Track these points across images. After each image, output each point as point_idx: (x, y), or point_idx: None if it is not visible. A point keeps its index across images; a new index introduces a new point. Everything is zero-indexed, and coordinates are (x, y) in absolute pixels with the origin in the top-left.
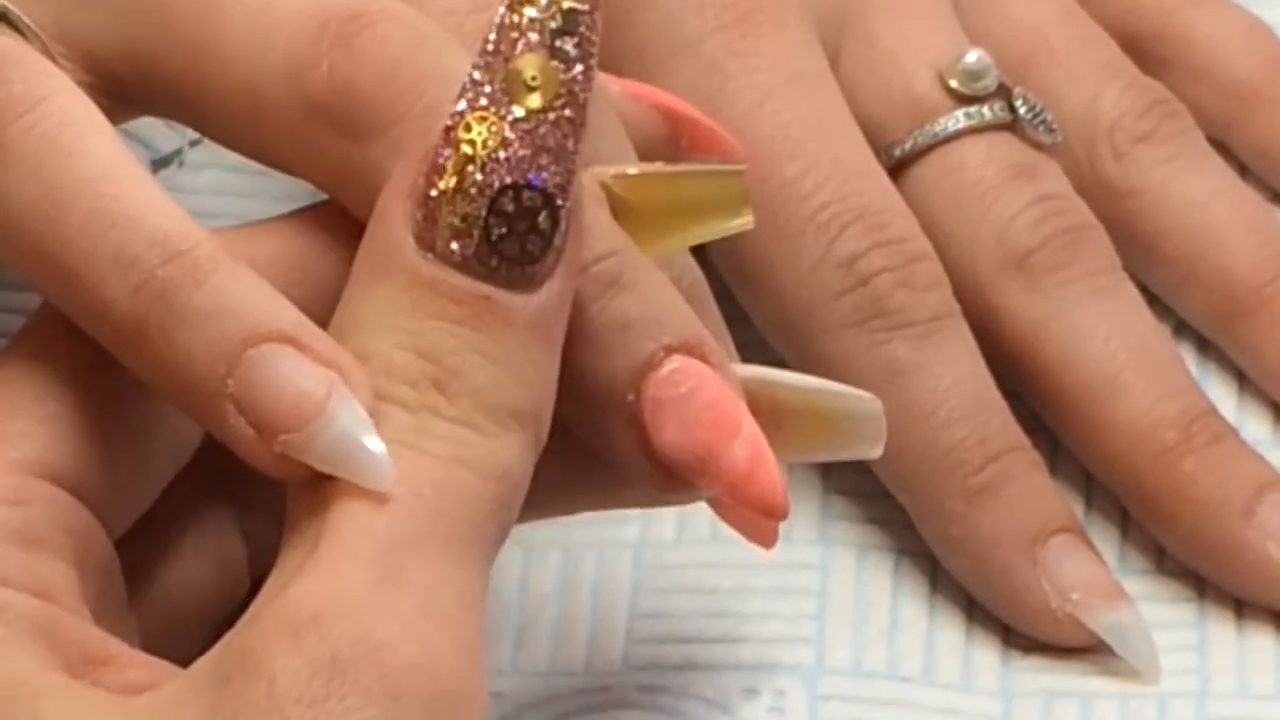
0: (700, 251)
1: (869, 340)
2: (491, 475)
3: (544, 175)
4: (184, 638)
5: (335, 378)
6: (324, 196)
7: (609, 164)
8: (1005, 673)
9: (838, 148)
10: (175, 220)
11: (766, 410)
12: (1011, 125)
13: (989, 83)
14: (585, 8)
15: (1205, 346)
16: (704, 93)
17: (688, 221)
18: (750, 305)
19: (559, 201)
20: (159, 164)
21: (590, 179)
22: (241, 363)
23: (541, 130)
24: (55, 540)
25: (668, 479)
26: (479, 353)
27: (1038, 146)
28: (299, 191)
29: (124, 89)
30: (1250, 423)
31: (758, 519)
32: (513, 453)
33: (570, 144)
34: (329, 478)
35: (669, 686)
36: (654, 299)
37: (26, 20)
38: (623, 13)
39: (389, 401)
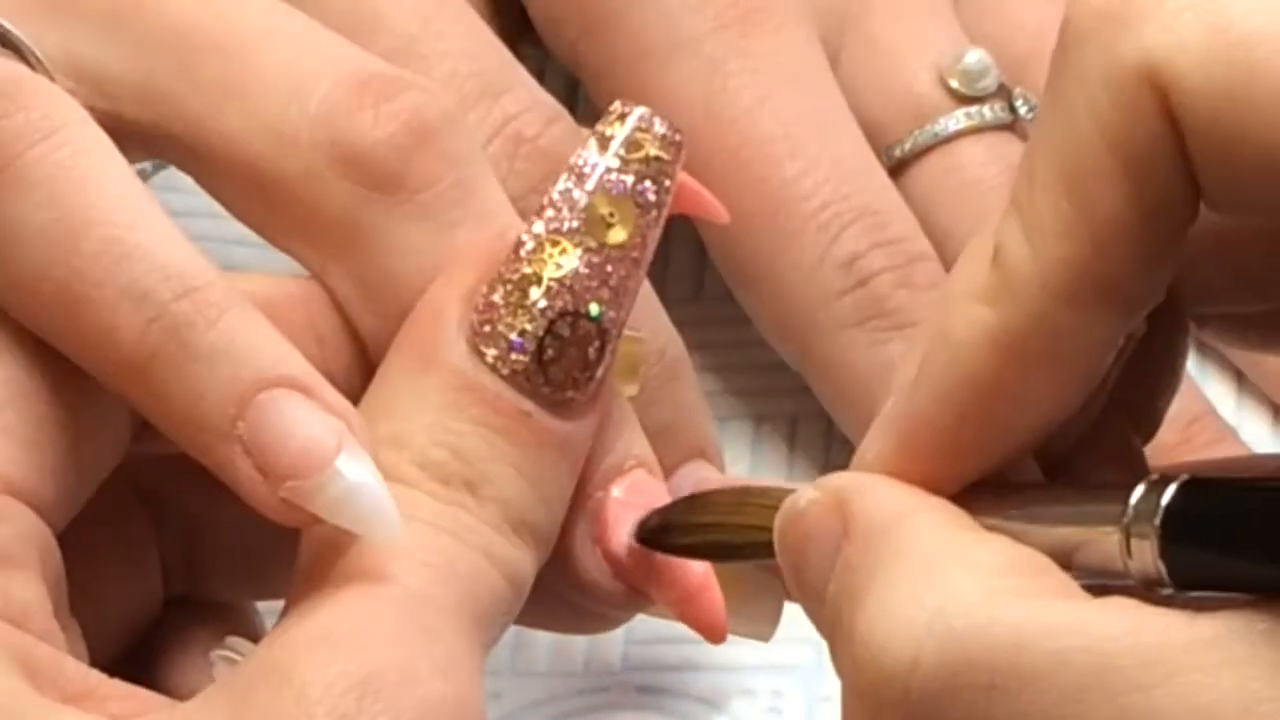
0: (699, 250)
1: (869, 340)
2: (509, 579)
3: (603, 308)
4: (98, 651)
5: (344, 428)
6: None
7: None
8: None
9: (838, 148)
10: (188, 255)
11: None
12: (1012, 125)
13: (989, 83)
14: (669, 157)
15: (1205, 347)
16: (704, 92)
17: None
18: (750, 305)
19: (610, 335)
20: (158, 165)
21: None
22: (253, 405)
23: (609, 266)
24: (25, 556)
25: (613, 579)
26: (512, 465)
27: None
28: None
29: (131, 129)
30: (1250, 423)
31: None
32: (527, 566)
33: (631, 284)
34: (351, 545)
35: (668, 687)
36: (627, 413)
37: (36, 52)
38: (622, 11)
39: (420, 492)
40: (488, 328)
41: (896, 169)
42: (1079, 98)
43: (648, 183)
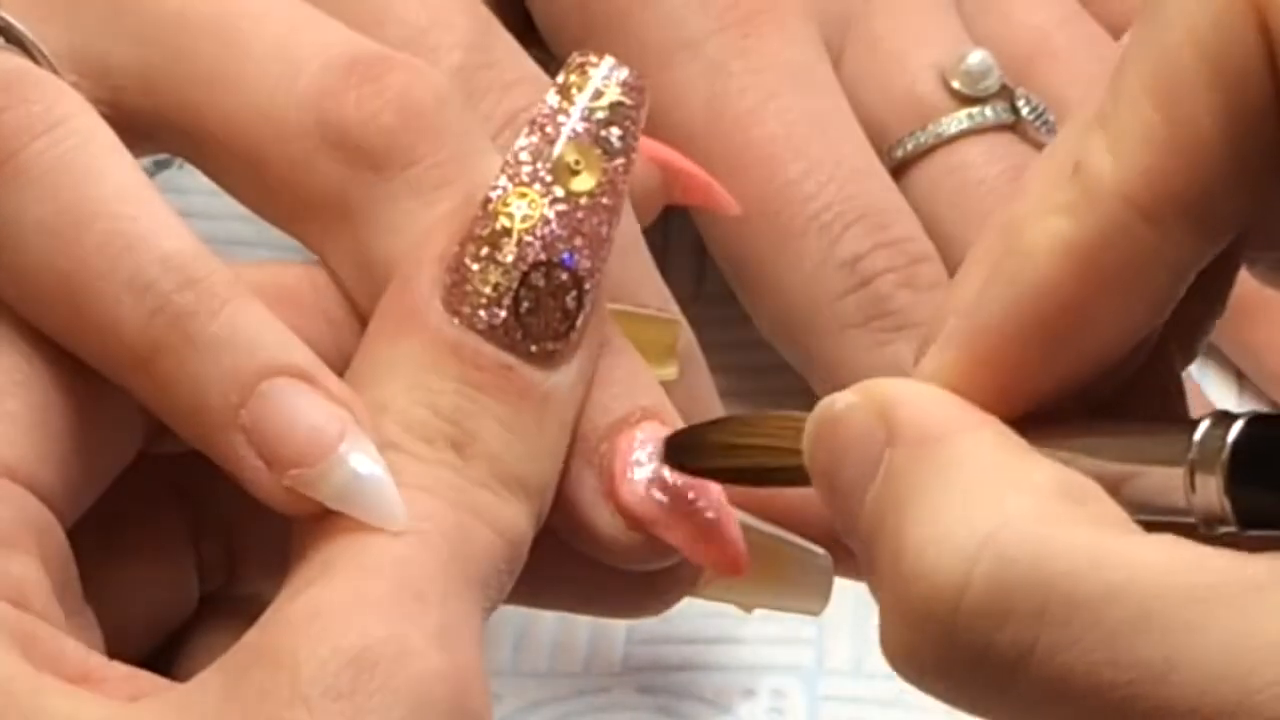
0: (699, 249)
1: (871, 341)
2: (502, 534)
3: (577, 257)
4: (130, 647)
5: (347, 416)
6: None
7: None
8: None
9: (841, 148)
10: (190, 246)
11: None
12: (1014, 126)
13: (991, 84)
14: (631, 102)
15: (1205, 347)
16: (706, 93)
17: None
18: (752, 306)
19: (587, 285)
20: (160, 164)
21: None
22: (255, 394)
23: (579, 214)
24: (24, 539)
25: (628, 531)
26: (496, 419)
27: (1040, 147)
28: None
29: (137, 120)
30: None
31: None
32: (521, 520)
33: (604, 230)
34: (339, 513)
35: (669, 687)
36: (636, 368)
37: (41, 47)
38: (624, 11)
39: (405, 454)
40: (462, 286)
41: (898, 169)
42: (1173, 8)
43: (613, 129)
